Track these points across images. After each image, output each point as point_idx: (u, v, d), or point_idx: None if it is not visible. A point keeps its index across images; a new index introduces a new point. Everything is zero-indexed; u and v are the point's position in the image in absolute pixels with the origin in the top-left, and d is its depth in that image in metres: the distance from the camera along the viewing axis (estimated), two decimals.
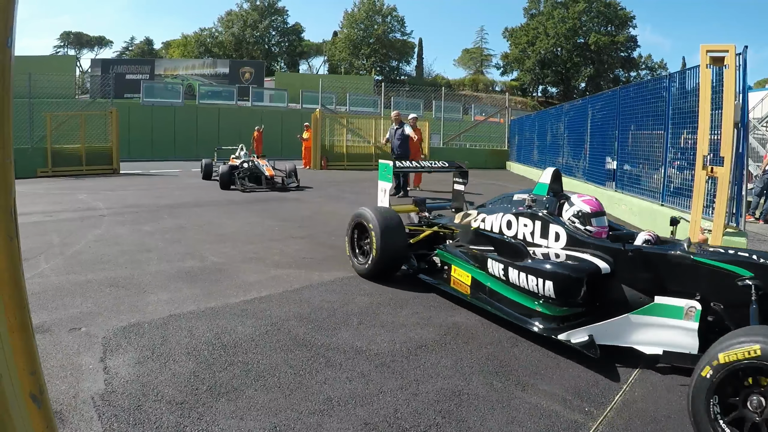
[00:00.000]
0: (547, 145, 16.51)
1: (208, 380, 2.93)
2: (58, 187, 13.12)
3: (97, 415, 2.54)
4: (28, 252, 5.90)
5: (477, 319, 4.08)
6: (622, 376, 3.17)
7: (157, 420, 2.51)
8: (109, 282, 4.80)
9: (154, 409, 2.62)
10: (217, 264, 5.57)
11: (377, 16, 65.88)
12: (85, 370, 3.02)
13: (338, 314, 4.11)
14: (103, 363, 3.12)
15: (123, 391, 2.78)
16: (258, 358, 3.24)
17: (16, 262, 0.78)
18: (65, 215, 8.47)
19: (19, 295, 0.74)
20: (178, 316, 3.94)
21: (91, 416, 2.53)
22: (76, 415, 2.54)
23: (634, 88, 9.79)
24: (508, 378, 3.12)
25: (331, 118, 21.91)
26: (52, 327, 3.66)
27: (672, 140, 7.42)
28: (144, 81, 34.15)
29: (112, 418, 2.52)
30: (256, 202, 10.53)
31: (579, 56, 61.02)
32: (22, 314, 0.74)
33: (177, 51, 63.08)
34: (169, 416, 2.55)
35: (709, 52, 5.16)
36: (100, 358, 3.18)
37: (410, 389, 2.93)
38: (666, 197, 7.57)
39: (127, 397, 2.73)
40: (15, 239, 0.84)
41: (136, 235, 7.01)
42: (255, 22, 64.16)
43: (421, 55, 72.20)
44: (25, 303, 0.75)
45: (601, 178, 10.77)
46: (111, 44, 68.16)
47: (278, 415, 2.60)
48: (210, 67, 48.13)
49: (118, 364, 3.11)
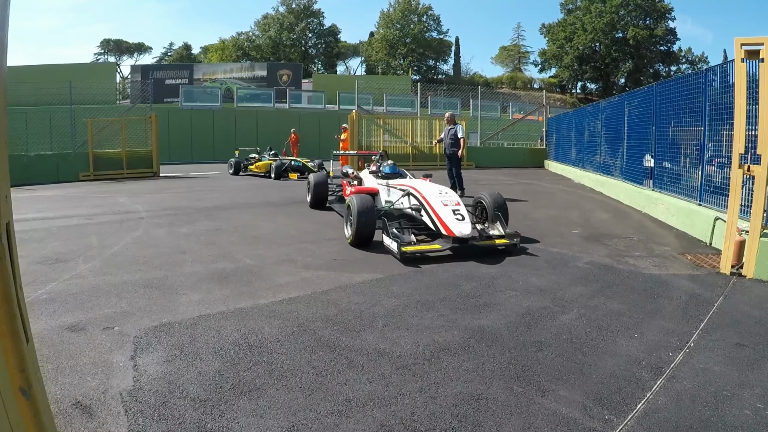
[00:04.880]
0: (585, 143, 16.20)
1: (232, 379, 3.02)
2: (98, 191, 13.58)
3: (124, 410, 2.66)
4: (68, 254, 6.19)
5: (504, 323, 4.05)
6: (647, 383, 3.10)
7: (180, 416, 2.61)
8: (143, 283, 4.98)
9: (178, 405, 2.72)
10: (249, 266, 5.69)
11: (413, 16, 65.90)
12: (116, 368, 3.16)
13: (364, 316, 4.15)
14: (133, 361, 3.25)
15: (150, 388, 2.90)
16: (282, 359, 3.31)
17: (7, 279, 0.87)
18: (105, 218, 8.77)
19: (9, 307, 0.83)
20: (208, 317, 4.06)
21: (118, 411, 2.65)
22: (104, 409, 2.67)
23: (671, 83, 9.50)
24: (529, 383, 3.09)
25: (368, 118, 22.00)
26: (87, 326, 3.84)
27: (710, 137, 7.20)
28: (183, 86, 34.98)
29: (138, 414, 2.63)
30: (294, 204, 10.66)
31: (618, 51, 59.74)
32: (12, 323, 0.84)
33: (215, 55, 64.49)
34: (192, 413, 2.65)
35: (743, 45, 4.97)
36: (130, 356, 3.32)
37: (429, 392, 2.95)
38: (703, 197, 7.36)
39: (154, 393, 2.84)
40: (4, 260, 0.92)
41: (173, 237, 7.22)
42: (291, 24, 65.02)
43: (458, 53, 72.05)
44: (15, 313, 0.84)
45: (638, 177, 10.52)
46: (150, 50, 70.32)
47: (297, 414, 2.66)
48: (248, 70, 49.00)
49: (147, 362, 3.24)
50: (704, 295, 4.84)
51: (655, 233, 7.80)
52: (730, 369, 3.30)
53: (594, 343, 3.67)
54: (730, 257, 5.39)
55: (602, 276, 5.44)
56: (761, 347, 3.65)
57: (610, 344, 3.66)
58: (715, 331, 3.96)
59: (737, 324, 4.10)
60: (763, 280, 5.18)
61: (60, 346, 3.49)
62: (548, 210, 10.07)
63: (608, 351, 3.55)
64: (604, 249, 6.72)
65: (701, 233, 7.20)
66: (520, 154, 24.43)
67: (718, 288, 5.04)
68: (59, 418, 2.57)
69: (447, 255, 6.16)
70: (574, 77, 64.17)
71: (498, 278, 5.30)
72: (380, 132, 21.40)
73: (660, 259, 6.18)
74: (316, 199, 9.86)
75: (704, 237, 7.09)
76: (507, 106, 37.22)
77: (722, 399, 2.91)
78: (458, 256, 6.14)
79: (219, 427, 2.53)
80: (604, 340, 3.73)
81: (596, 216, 9.50)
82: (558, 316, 4.22)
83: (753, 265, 5.17)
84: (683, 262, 6.06)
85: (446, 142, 12.26)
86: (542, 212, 9.76)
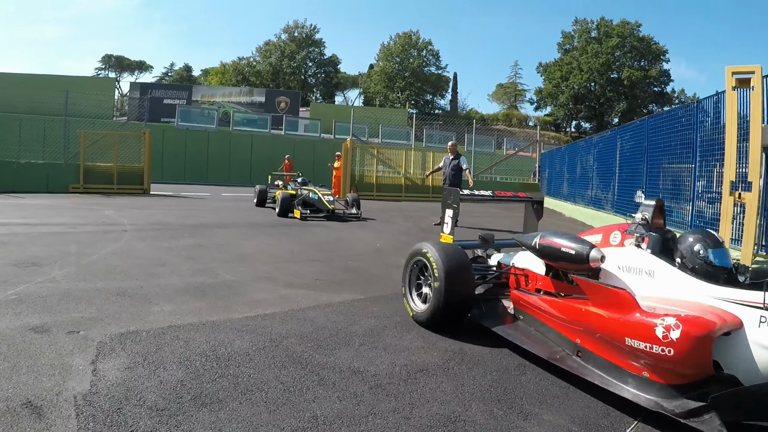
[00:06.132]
0: (577, 177, 16.26)
1: (194, 390, 2.84)
2: (86, 203, 13.44)
3: (75, 413, 2.51)
4: (45, 259, 6.05)
5: (486, 346, 3.89)
6: (636, 408, 2.94)
7: (133, 424, 2.45)
8: (116, 291, 4.81)
9: (133, 413, 2.55)
10: (228, 281, 5.53)
11: (413, 50, 66.81)
12: (74, 371, 3.01)
13: (341, 335, 3.99)
14: (93, 365, 3.09)
15: (107, 394, 2.74)
16: (249, 372, 3.14)
17: None
18: (88, 228, 8.61)
19: None
20: (178, 327, 3.88)
21: (69, 414, 2.51)
22: (55, 411, 2.52)
23: (663, 116, 9.53)
24: (511, 406, 2.93)
25: (362, 147, 22.06)
26: (52, 328, 3.69)
27: (701, 171, 7.17)
28: (180, 105, 35.07)
29: (89, 418, 2.48)
30: (281, 225, 10.55)
31: (612, 91, 60.79)
32: None
33: (215, 78, 64.93)
34: (147, 421, 2.48)
35: (734, 74, 4.98)
36: (91, 361, 3.16)
37: (403, 412, 2.77)
38: (694, 226, 7.31)
39: (109, 399, 2.68)
40: None
41: (154, 250, 7.05)
42: (292, 52, 65.74)
43: (455, 89, 72.91)
44: None
45: (631, 211, 10.50)
46: (151, 69, 70.91)
47: (258, 429, 2.48)
48: (246, 95, 49.31)
49: (108, 368, 3.07)
50: None
51: None
52: None
53: None
54: None
55: None
56: None
57: None
58: None
59: None
60: None
61: (20, 345, 3.34)
62: None
63: None
64: None
65: None
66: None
67: None
68: (6, 417, 2.43)
69: None
70: (569, 116, 65.02)
71: None
72: (374, 161, 21.42)
73: None
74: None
75: None
76: (501, 142, 37.54)
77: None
78: None
79: None
80: None
81: None
82: None
83: None
84: None
85: (446, 173, 11.61)
86: None
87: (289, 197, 12.36)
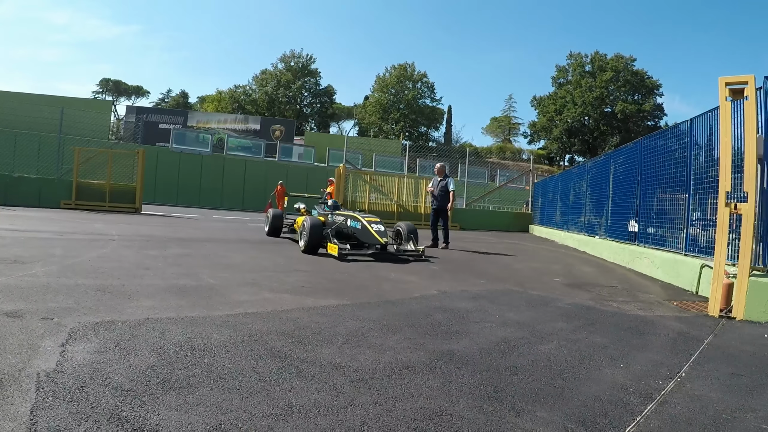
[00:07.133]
0: (570, 205, 16.22)
1: (164, 375, 2.68)
2: (77, 217, 13.35)
3: (36, 388, 2.41)
4: (28, 258, 6.04)
5: (476, 348, 3.71)
6: (636, 408, 2.78)
7: (94, 401, 2.30)
8: (96, 287, 4.69)
9: (96, 392, 2.41)
10: (212, 285, 5.35)
11: (408, 82, 67.57)
12: (42, 351, 2.90)
13: (324, 333, 3.81)
14: (62, 348, 2.98)
15: (72, 373, 2.62)
16: (224, 362, 2.97)
17: None
18: (75, 236, 8.52)
19: None
20: (155, 320, 3.72)
21: (29, 388, 2.40)
22: (14, 385, 2.42)
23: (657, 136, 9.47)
24: (502, 402, 2.75)
25: (355, 174, 22.05)
26: (26, 314, 3.60)
27: (694, 195, 7.11)
28: (174, 129, 35.11)
29: (49, 393, 2.37)
30: (270, 243, 10.38)
31: (606, 125, 61.48)
32: None
33: (211, 105, 65.34)
34: (110, 399, 2.33)
35: (728, 84, 4.93)
36: (61, 344, 3.04)
37: (385, 405, 2.59)
38: (689, 247, 7.21)
39: (73, 378, 2.56)
40: None
41: (139, 257, 6.90)
42: (288, 82, 66.37)
43: (450, 121, 73.58)
44: None
45: (623, 235, 10.41)
46: (148, 94, 71.46)
47: (228, 414, 2.31)
48: (242, 122, 49.55)
49: (77, 350, 2.95)
50: (693, 333, 4.57)
51: (640, 283, 7.58)
52: (728, 395, 3.03)
53: (576, 370, 3.35)
54: (718, 299, 5.15)
55: (585, 314, 5.16)
56: (759, 376, 3.40)
57: (594, 371, 3.35)
58: (707, 363, 3.68)
59: (730, 357, 3.85)
60: (754, 321, 4.94)
61: None
62: (531, 263, 9.87)
63: (591, 377, 3.23)
64: (587, 294, 6.46)
65: (687, 282, 7.00)
66: (505, 217, 24.50)
67: (707, 327, 4.78)
68: None
69: (422, 285, 5.96)
70: (563, 149, 65.55)
71: (473, 312, 4.98)
72: (367, 188, 21.38)
73: (645, 304, 5.92)
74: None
75: (690, 286, 6.89)
76: (495, 174, 37.69)
77: (723, 422, 2.65)
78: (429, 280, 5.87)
79: (135, 417, 2.18)
80: (586, 368, 3.42)
81: (579, 269, 9.28)
82: (536, 346, 3.91)
83: (743, 306, 4.93)
84: (669, 307, 5.82)
85: (435, 194, 11.88)
86: (524, 264, 9.55)
87: (319, 225, 8.96)
